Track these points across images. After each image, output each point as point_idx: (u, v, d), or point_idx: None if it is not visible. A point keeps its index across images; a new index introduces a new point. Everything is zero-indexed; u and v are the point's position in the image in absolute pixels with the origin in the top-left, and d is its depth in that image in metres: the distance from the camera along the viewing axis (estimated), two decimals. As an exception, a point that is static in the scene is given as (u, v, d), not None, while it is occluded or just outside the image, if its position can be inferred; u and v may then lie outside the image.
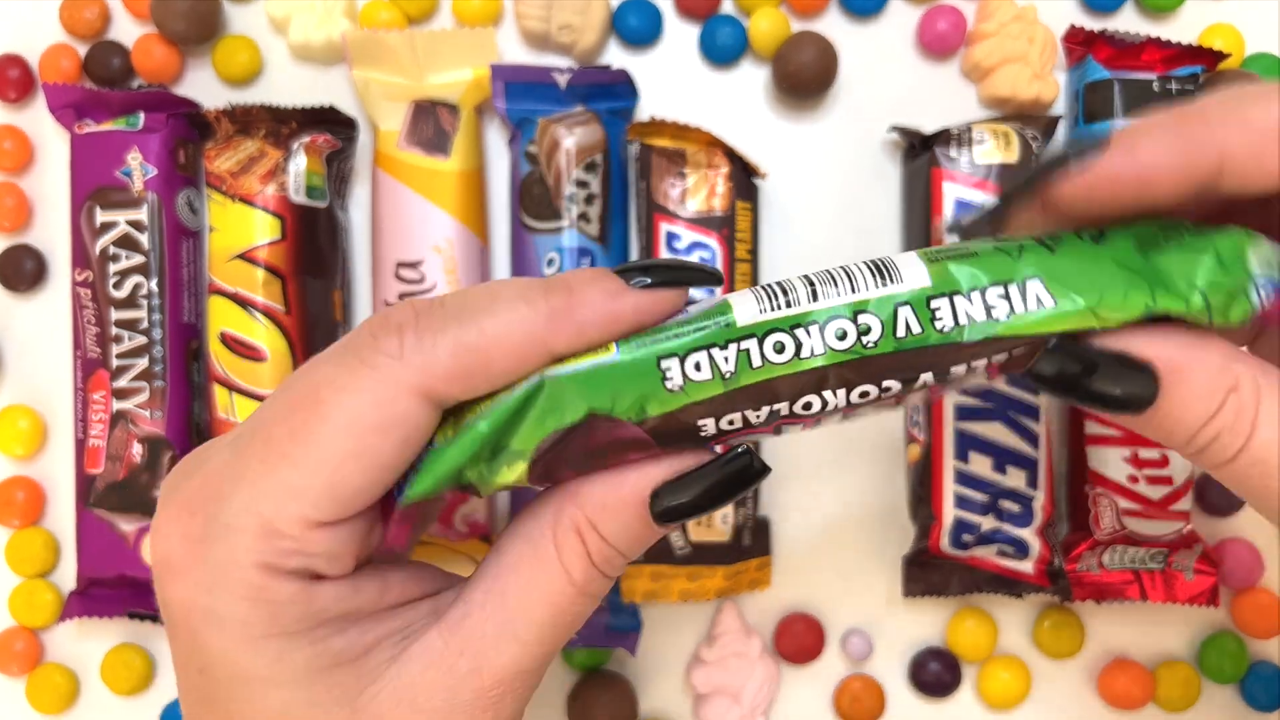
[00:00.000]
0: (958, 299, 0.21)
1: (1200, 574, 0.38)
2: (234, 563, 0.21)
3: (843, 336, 0.21)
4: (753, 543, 0.39)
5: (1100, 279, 0.22)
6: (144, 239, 0.38)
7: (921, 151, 0.39)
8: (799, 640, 0.40)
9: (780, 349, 0.21)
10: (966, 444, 0.37)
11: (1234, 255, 0.22)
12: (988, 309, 0.21)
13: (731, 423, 0.22)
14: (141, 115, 0.38)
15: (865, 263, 0.22)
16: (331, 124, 0.39)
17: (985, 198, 0.37)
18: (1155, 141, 0.21)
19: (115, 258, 0.38)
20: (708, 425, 0.22)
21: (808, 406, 0.22)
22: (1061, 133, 0.40)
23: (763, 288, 0.22)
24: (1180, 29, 0.41)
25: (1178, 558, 0.38)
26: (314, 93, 0.41)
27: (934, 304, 0.21)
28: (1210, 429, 0.21)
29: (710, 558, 0.38)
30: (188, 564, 0.22)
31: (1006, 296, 0.21)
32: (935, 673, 0.40)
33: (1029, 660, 0.40)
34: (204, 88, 0.41)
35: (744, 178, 0.38)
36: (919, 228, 0.39)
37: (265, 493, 0.21)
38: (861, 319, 0.21)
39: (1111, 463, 0.37)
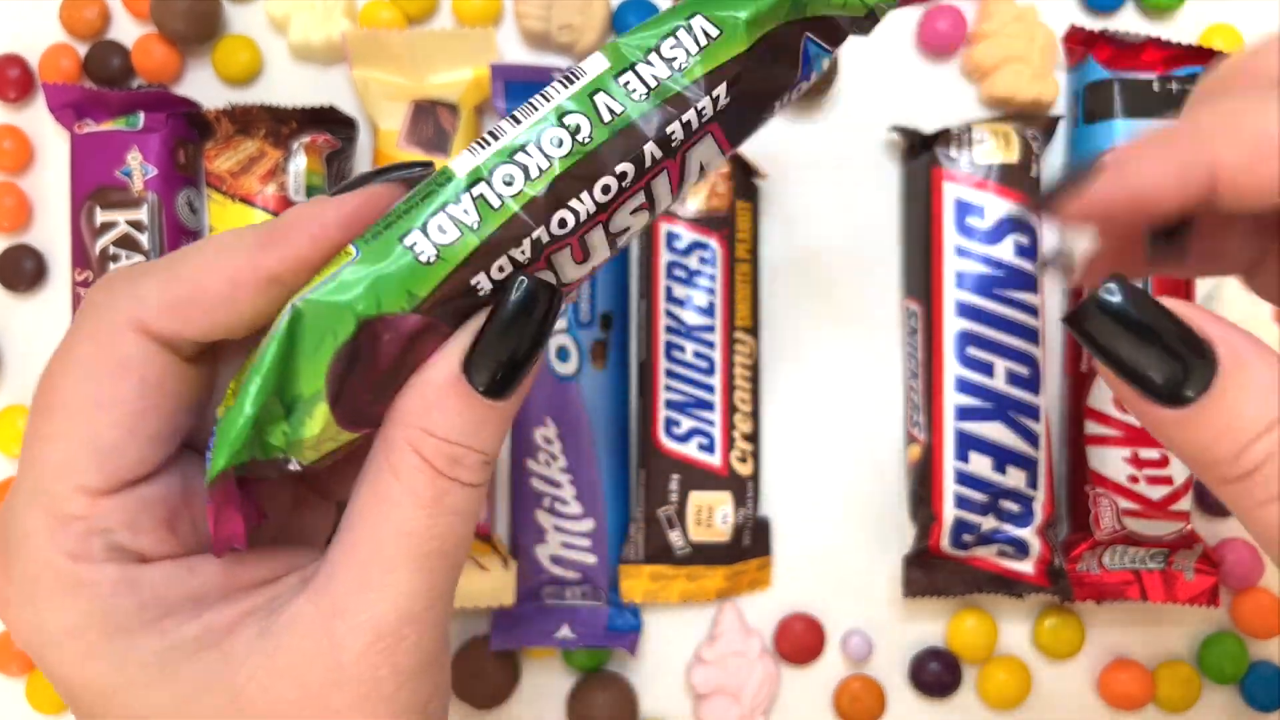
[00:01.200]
0: (639, 67, 0.22)
1: (1200, 574, 0.38)
2: (40, 563, 0.20)
3: (559, 144, 0.22)
4: (753, 543, 0.39)
5: None
6: (144, 239, 0.38)
7: (921, 151, 0.39)
8: (799, 640, 0.40)
9: (509, 181, 0.21)
10: (966, 444, 0.37)
11: None
12: (668, 62, 0.22)
13: (502, 269, 0.21)
14: (141, 115, 0.38)
15: (556, 77, 0.22)
16: (331, 124, 0.39)
17: (985, 197, 0.37)
18: (1146, 163, 0.20)
19: (115, 258, 0.38)
20: (481, 282, 0.21)
21: (563, 224, 0.22)
22: (1062, 133, 0.40)
23: (474, 140, 0.22)
24: (1180, 29, 0.41)
25: (1178, 558, 0.38)
26: (314, 93, 0.41)
27: (621, 79, 0.22)
28: (1263, 445, 0.18)
29: (710, 558, 0.38)
30: (3, 589, 0.20)
31: (679, 44, 0.22)
32: (935, 673, 0.40)
33: (1029, 660, 0.40)
34: (204, 88, 0.41)
35: (744, 178, 0.38)
36: (919, 227, 0.39)
37: (39, 480, 0.20)
38: (568, 120, 0.22)
39: (1111, 463, 0.37)
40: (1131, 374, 0.19)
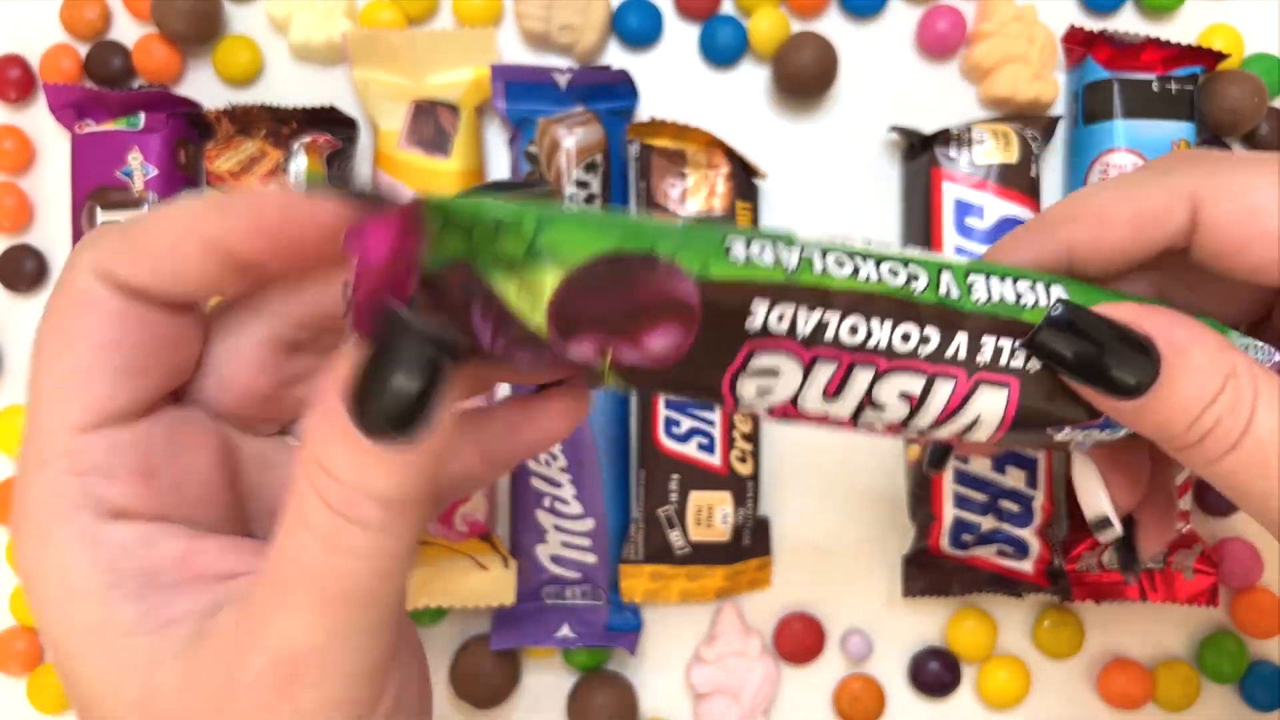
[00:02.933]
0: (992, 279, 0.23)
1: (1199, 574, 0.38)
2: (26, 501, 0.21)
3: (895, 274, 0.22)
4: (753, 543, 0.39)
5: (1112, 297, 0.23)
6: (144, 239, 0.38)
7: (921, 151, 0.39)
8: (799, 640, 0.40)
9: (840, 264, 0.22)
10: (966, 444, 0.37)
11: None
12: (1017, 295, 0.22)
13: (781, 318, 0.21)
14: (142, 115, 0.38)
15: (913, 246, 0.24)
16: (332, 124, 0.39)
17: (985, 198, 0.37)
18: (1007, 249, 0.25)
19: (116, 258, 0.38)
20: (758, 312, 0.20)
21: (854, 330, 0.21)
22: (1061, 133, 0.40)
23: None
24: (1180, 29, 0.41)
25: (1177, 557, 0.38)
26: (314, 93, 0.41)
27: (971, 278, 0.22)
28: (1211, 413, 0.21)
29: (710, 558, 0.38)
30: (9, 522, 0.21)
31: (1033, 289, 0.23)
32: (935, 672, 0.40)
33: (1028, 660, 0.40)
34: (204, 88, 0.41)
35: (744, 178, 0.38)
36: (919, 228, 0.39)
37: (29, 421, 0.21)
38: (910, 268, 0.22)
39: (1111, 463, 0.37)
40: (1088, 378, 0.22)
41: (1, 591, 0.41)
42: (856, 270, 0.22)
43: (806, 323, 0.21)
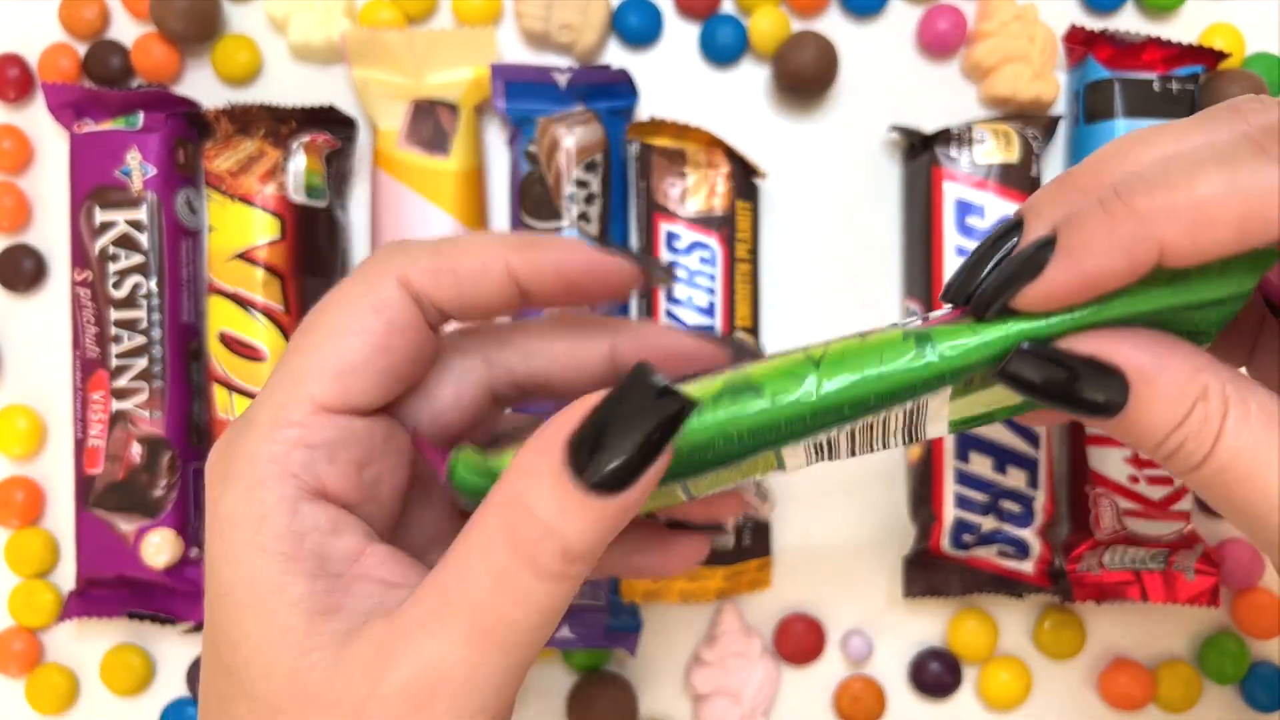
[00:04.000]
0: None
1: (1201, 574, 0.38)
2: (246, 454, 0.22)
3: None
4: (753, 543, 0.39)
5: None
6: (143, 239, 0.38)
7: (922, 151, 0.39)
8: (799, 640, 0.40)
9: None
10: (967, 444, 0.37)
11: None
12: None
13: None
14: (141, 115, 0.38)
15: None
16: (331, 123, 0.39)
17: (985, 197, 0.37)
18: (1095, 249, 0.21)
19: (114, 257, 0.38)
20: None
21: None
22: (1062, 132, 0.40)
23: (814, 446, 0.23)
24: (1180, 29, 0.41)
25: (1178, 558, 0.38)
26: (313, 92, 0.41)
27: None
28: (1176, 436, 0.21)
29: (710, 558, 0.38)
30: (218, 465, 0.22)
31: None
32: (935, 673, 0.40)
33: (1029, 661, 0.40)
34: (203, 87, 0.41)
35: (744, 177, 0.38)
36: (919, 228, 0.39)
37: (283, 384, 0.22)
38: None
39: (1112, 463, 0.37)
40: (1060, 402, 0.22)
41: (1, 591, 0.41)
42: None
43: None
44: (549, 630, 0.21)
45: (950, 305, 0.24)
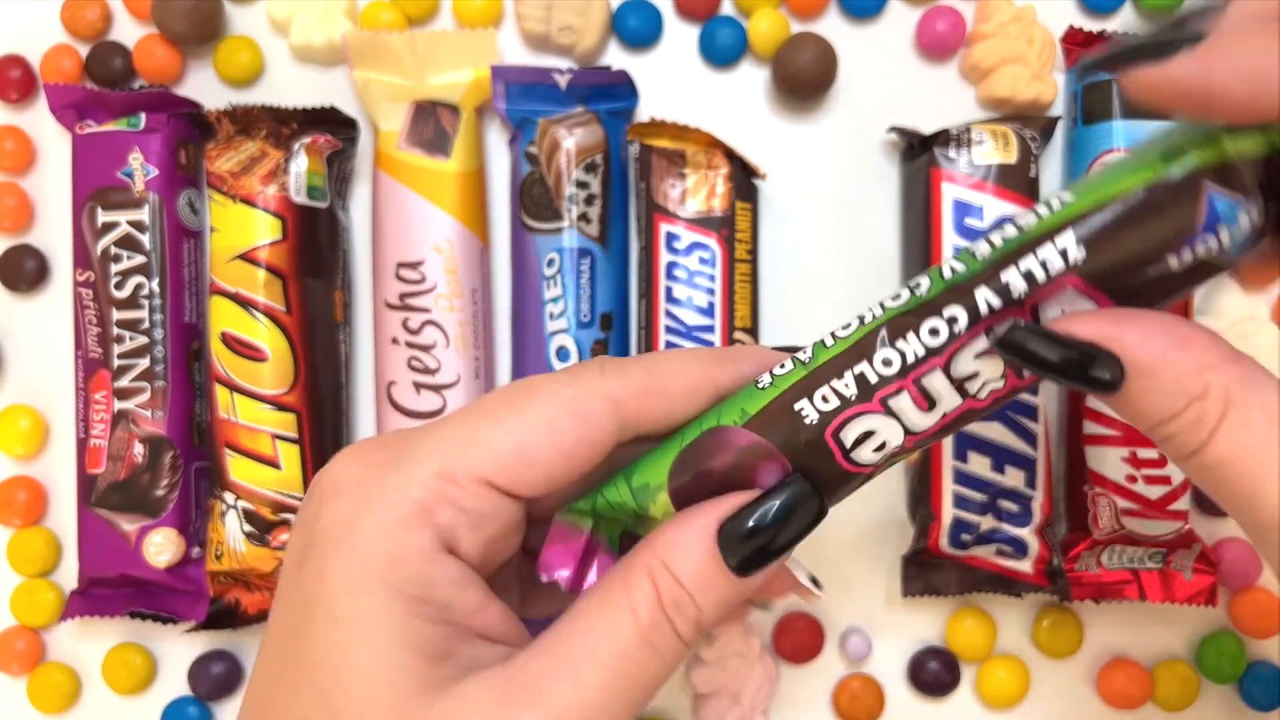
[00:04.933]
0: (992, 234, 0.23)
1: (1199, 573, 0.38)
2: (399, 489, 0.22)
3: (898, 298, 0.23)
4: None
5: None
6: (145, 239, 0.38)
7: (920, 152, 0.39)
8: (798, 640, 0.40)
9: (846, 327, 0.24)
10: (965, 444, 0.37)
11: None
12: (1019, 227, 0.22)
13: (825, 399, 0.23)
14: (143, 116, 0.38)
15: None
16: (332, 125, 0.39)
17: (984, 198, 0.37)
18: (1230, 61, 0.20)
19: (117, 258, 0.38)
20: (805, 409, 0.23)
21: (888, 363, 0.23)
22: (1060, 134, 0.40)
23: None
24: (1179, 30, 0.41)
25: (1176, 557, 0.38)
26: (315, 93, 0.41)
27: (972, 246, 0.23)
28: (1168, 427, 0.22)
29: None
30: (358, 484, 0.23)
31: (1033, 213, 0.23)
32: (934, 672, 0.40)
33: (1028, 660, 0.40)
34: (205, 88, 0.41)
35: (744, 178, 0.38)
36: (918, 228, 0.39)
37: (458, 440, 0.23)
38: (913, 283, 0.23)
39: (1110, 462, 0.37)
40: (1060, 380, 0.22)
41: (2, 592, 0.41)
42: (861, 319, 0.23)
43: (848, 386, 0.23)
44: (661, 686, 0.23)
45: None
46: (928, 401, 0.23)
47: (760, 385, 0.24)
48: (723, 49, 0.40)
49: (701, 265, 0.38)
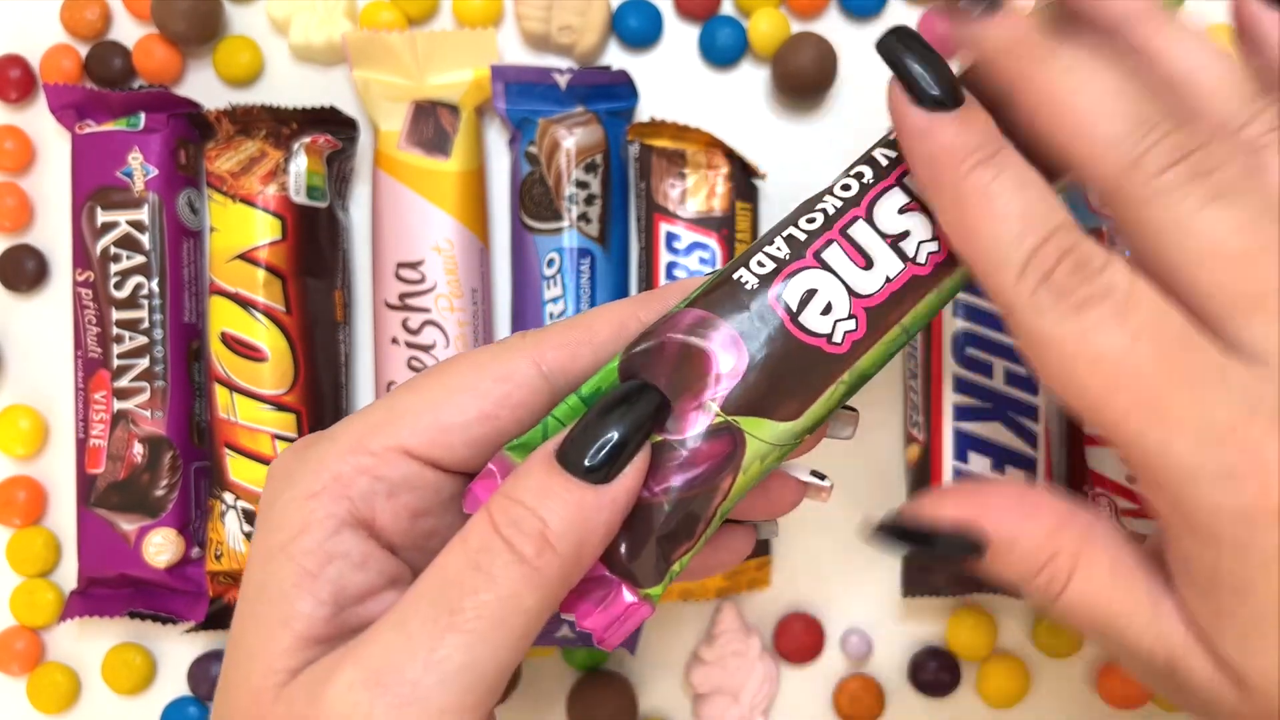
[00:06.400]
0: None
1: (1199, 574, 0.38)
2: (317, 461, 0.22)
3: (835, 181, 0.25)
4: (752, 542, 0.39)
5: None
6: (145, 239, 0.38)
7: (921, 152, 0.39)
8: (798, 640, 0.40)
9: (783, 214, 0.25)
10: (966, 444, 0.37)
11: None
12: None
13: (761, 264, 0.23)
14: (142, 116, 0.38)
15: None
16: (332, 124, 0.39)
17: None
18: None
19: (116, 258, 0.38)
20: (743, 275, 0.23)
21: (811, 220, 0.24)
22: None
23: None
24: (1179, 30, 0.41)
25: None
26: (315, 93, 0.41)
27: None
28: (1030, 584, 0.24)
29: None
30: (287, 463, 0.23)
31: None
32: (934, 672, 0.40)
33: (1028, 659, 0.40)
34: (205, 88, 0.41)
35: (744, 178, 0.39)
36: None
37: (379, 413, 0.23)
38: (855, 169, 0.25)
39: (1110, 463, 0.37)
40: (940, 559, 0.25)
41: (1, 592, 0.41)
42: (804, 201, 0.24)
43: (780, 249, 0.23)
44: (520, 624, 0.20)
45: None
46: (863, 257, 0.23)
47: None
48: (723, 49, 0.40)
49: (701, 265, 0.38)
